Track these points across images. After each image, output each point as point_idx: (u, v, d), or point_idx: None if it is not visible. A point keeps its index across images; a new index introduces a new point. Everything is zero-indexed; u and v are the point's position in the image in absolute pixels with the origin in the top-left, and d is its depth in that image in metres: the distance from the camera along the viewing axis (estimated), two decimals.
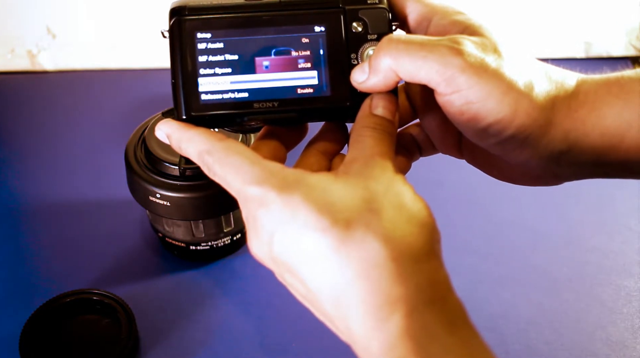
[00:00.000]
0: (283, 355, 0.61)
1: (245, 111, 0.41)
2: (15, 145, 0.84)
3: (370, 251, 0.33)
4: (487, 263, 0.68)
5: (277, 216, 0.35)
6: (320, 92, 0.41)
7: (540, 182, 0.43)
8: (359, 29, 0.42)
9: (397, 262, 0.33)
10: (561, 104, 0.40)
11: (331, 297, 0.34)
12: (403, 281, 0.33)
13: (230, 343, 0.62)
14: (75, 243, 0.70)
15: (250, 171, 0.36)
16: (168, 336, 0.62)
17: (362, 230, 0.34)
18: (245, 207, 0.37)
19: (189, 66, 0.41)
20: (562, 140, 0.39)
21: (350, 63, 0.41)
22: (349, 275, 0.33)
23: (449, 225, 0.74)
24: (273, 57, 0.41)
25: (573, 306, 0.64)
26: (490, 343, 0.34)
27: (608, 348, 0.61)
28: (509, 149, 0.40)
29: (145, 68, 0.94)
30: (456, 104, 0.38)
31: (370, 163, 0.37)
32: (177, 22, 0.41)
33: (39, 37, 0.92)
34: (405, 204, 0.36)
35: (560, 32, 0.94)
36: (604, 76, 0.41)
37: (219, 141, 0.39)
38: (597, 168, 0.40)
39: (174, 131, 0.40)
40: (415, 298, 0.33)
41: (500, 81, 0.38)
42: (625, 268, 0.68)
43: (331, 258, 0.34)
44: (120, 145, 0.67)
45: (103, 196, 0.75)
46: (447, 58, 0.37)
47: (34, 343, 0.58)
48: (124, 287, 0.65)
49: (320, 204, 0.34)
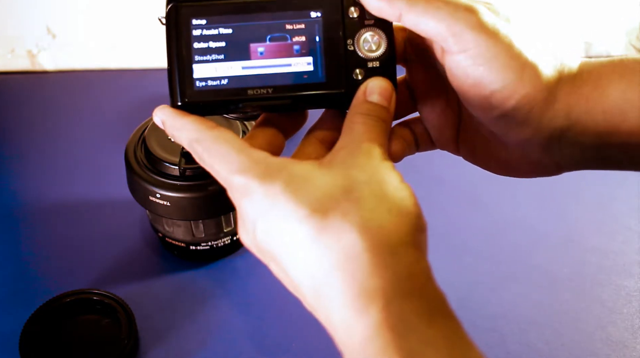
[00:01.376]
0: (283, 355, 0.61)
1: (239, 98, 0.41)
2: (15, 145, 0.84)
3: (347, 241, 0.33)
4: (487, 263, 0.68)
5: (258, 205, 0.35)
6: (315, 79, 0.41)
7: (540, 171, 0.43)
8: (355, 15, 0.41)
9: (374, 252, 0.33)
10: (565, 80, 0.39)
11: (311, 288, 0.34)
12: (380, 272, 0.33)
13: (230, 343, 0.62)
14: (75, 243, 0.70)
15: (235, 160, 0.37)
16: (168, 336, 0.62)
17: (339, 219, 0.34)
18: (232, 196, 0.37)
19: (184, 52, 0.41)
20: (565, 116, 0.39)
21: (346, 49, 0.41)
22: (327, 265, 0.33)
23: (449, 224, 0.74)
24: (268, 44, 0.41)
25: (573, 307, 0.64)
26: (490, 343, 0.34)
27: (608, 348, 0.61)
28: (511, 125, 0.39)
29: (145, 68, 0.95)
30: (462, 64, 0.38)
31: (356, 151, 0.37)
32: (174, 8, 0.41)
33: (39, 37, 0.92)
34: (387, 192, 0.35)
35: (560, 32, 0.95)
36: (607, 58, 0.40)
37: (209, 129, 0.39)
38: (597, 151, 0.40)
39: (168, 117, 0.40)
40: (392, 289, 0.33)
41: (509, 45, 0.38)
42: (625, 268, 0.68)
43: (309, 247, 0.34)
44: (120, 145, 0.67)
45: (103, 196, 0.75)
46: (459, 13, 0.37)
47: (34, 343, 0.58)
48: (124, 287, 0.65)
49: (299, 194, 0.34)
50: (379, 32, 0.41)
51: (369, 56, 0.41)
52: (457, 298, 0.61)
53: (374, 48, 0.41)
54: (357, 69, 0.41)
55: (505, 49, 0.38)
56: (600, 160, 0.41)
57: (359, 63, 0.41)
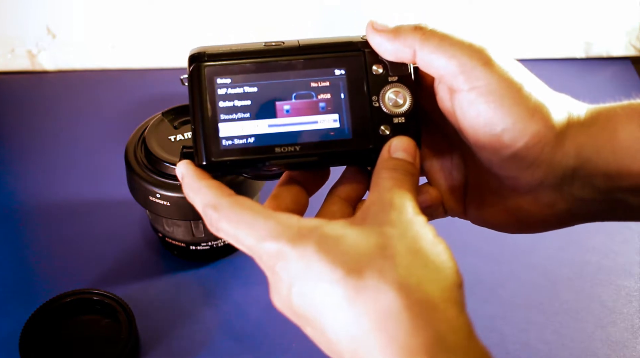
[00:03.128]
0: (283, 355, 0.61)
1: (266, 156, 0.40)
2: (15, 145, 0.84)
3: (385, 301, 0.32)
4: (487, 263, 0.68)
5: (293, 269, 0.34)
6: (342, 136, 0.41)
7: (552, 220, 0.42)
8: (380, 71, 0.41)
9: (413, 310, 0.32)
10: (574, 121, 0.40)
11: (350, 349, 0.33)
12: (420, 331, 0.32)
13: (230, 343, 0.62)
14: (75, 243, 0.70)
15: (264, 227, 0.35)
16: (168, 336, 0.62)
17: (375, 278, 0.33)
18: (262, 262, 0.36)
19: (209, 112, 0.40)
20: (575, 155, 0.39)
21: (371, 106, 0.41)
22: (366, 326, 0.32)
23: (449, 224, 0.74)
24: (294, 101, 0.41)
25: (573, 307, 0.64)
26: (490, 343, 0.33)
27: (608, 348, 0.61)
28: (522, 166, 0.39)
29: (145, 68, 0.94)
30: (473, 101, 0.38)
31: (387, 207, 0.36)
32: (197, 68, 0.40)
33: (39, 37, 0.92)
34: (422, 248, 0.34)
35: (560, 32, 0.94)
36: (615, 104, 0.40)
37: (227, 196, 0.37)
38: (608, 193, 0.39)
39: (187, 176, 0.39)
40: (435, 346, 0.32)
41: (520, 84, 0.38)
42: (625, 268, 0.68)
43: (347, 309, 0.33)
44: (120, 145, 0.67)
45: (103, 196, 0.75)
46: (471, 50, 0.38)
47: (34, 343, 0.58)
48: (124, 287, 0.65)
49: (333, 254, 0.34)
50: (402, 88, 0.41)
51: (395, 112, 0.41)
52: None
53: (400, 103, 0.41)
54: (383, 125, 0.41)
55: (517, 88, 0.38)
56: (612, 205, 0.40)
57: (384, 119, 0.41)
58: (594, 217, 0.42)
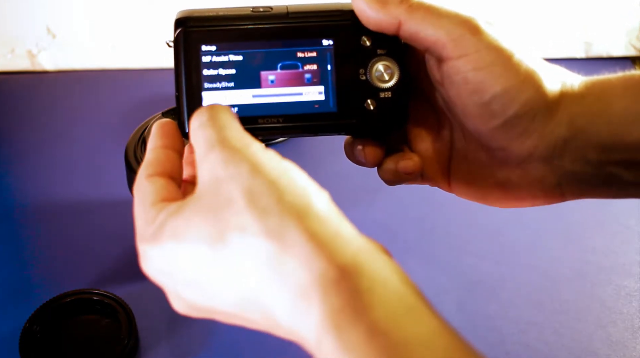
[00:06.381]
0: (283, 355, 0.61)
1: (249, 127, 0.39)
2: (15, 145, 0.84)
3: (257, 252, 0.31)
4: (487, 263, 0.68)
5: (160, 269, 0.38)
6: (326, 109, 0.40)
7: (541, 195, 0.41)
8: (369, 43, 0.40)
9: (288, 253, 0.31)
10: (568, 90, 0.39)
11: (257, 312, 0.33)
12: (308, 266, 0.31)
13: (230, 343, 0.62)
14: (75, 243, 0.70)
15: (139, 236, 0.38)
16: (168, 336, 0.62)
17: (236, 236, 0.31)
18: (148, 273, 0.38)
19: (193, 79, 0.40)
20: (568, 125, 0.38)
21: (358, 79, 0.40)
22: (253, 284, 0.32)
23: (449, 224, 0.74)
24: (279, 72, 0.40)
25: (573, 307, 0.64)
26: (490, 343, 0.33)
27: (608, 348, 0.61)
28: (513, 135, 0.38)
29: (145, 68, 0.94)
30: (462, 69, 0.37)
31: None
32: (182, 33, 0.40)
33: (39, 37, 0.92)
34: (263, 173, 0.32)
35: (560, 32, 0.94)
36: (608, 75, 0.40)
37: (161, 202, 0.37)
38: (600, 167, 0.38)
39: (156, 131, 0.39)
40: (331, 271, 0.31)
41: (510, 53, 0.37)
42: (625, 268, 0.68)
43: (229, 282, 0.32)
44: (120, 145, 0.67)
45: (103, 196, 0.75)
46: (459, 20, 0.37)
47: (34, 343, 0.58)
48: (124, 287, 0.65)
49: (188, 241, 0.33)
50: (391, 62, 0.41)
51: (381, 86, 0.41)
52: (457, 298, 0.61)
53: (386, 78, 0.41)
54: (369, 99, 0.41)
55: (507, 55, 0.37)
56: (605, 180, 0.39)
57: (371, 93, 0.41)
58: (585, 193, 0.40)
